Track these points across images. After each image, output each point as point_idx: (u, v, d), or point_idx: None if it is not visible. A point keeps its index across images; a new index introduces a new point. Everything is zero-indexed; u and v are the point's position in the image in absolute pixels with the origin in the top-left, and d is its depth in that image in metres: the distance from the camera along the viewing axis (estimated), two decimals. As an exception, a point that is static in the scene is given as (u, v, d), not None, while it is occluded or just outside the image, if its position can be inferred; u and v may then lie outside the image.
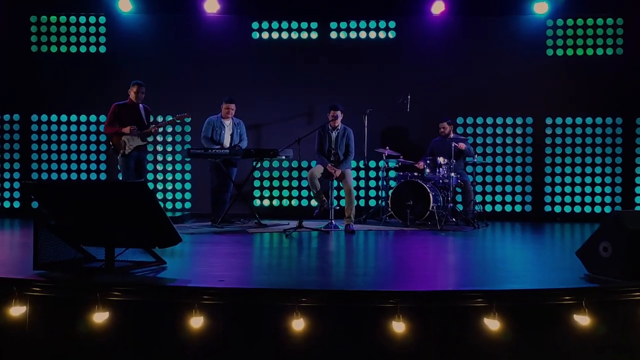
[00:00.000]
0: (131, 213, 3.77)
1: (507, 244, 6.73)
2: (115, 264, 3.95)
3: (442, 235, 6.85)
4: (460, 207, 7.96)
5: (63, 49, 9.05)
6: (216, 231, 7.14)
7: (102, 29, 9.05)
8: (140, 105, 7.20)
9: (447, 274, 4.55)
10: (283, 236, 6.62)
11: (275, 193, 9.14)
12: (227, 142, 7.80)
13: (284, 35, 9.06)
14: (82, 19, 9.06)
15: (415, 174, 7.94)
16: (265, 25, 9.05)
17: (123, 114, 7.06)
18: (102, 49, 9.05)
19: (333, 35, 9.06)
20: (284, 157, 7.62)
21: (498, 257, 5.49)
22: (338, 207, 7.81)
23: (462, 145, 7.93)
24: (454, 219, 7.80)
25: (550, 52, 8.91)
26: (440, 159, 7.78)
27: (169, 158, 9.11)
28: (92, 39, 9.05)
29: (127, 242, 3.96)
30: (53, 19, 9.05)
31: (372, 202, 8.98)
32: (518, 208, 8.99)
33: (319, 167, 7.47)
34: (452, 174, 7.67)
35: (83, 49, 9.06)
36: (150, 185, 9.06)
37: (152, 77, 8.39)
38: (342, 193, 8.01)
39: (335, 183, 7.58)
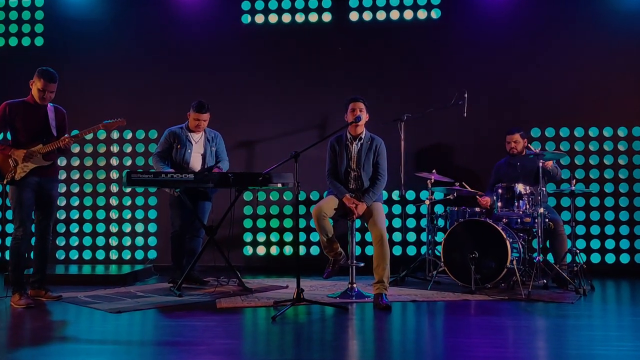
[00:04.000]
0: None
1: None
2: None
3: (529, 312, 4.19)
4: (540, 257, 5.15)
5: (-13, 41, 6.73)
6: (166, 304, 4.50)
7: (40, 14, 6.76)
8: (50, 106, 4.61)
9: None
10: (270, 318, 3.98)
11: (275, 237, 6.51)
12: (196, 165, 5.28)
13: (286, 18, 6.60)
14: (13, 2, 6.76)
15: (477, 209, 5.31)
16: (259, 5, 6.62)
17: (17, 118, 4.47)
18: (39, 41, 6.74)
19: (353, 16, 6.56)
20: (279, 185, 5.01)
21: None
22: (363, 265, 5.01)
23: (549, 164, 5.27)
24: (544, 280, 5.05)
25: (663, 34, 6.28)
26: (520, 187, 5.08)
27: (127, 190, 6.57)
28: (26, 28, 6.75)
29: None
30: (-25, 2, 6.75)
31: (411, 250, 6.30)
32: (625, 258, 6.19)
33: (332, 199, 4.76)
34: (540, 210, 4.93)
35: (13, 41, 6.74)
36: (88, 227, 6.50)
37: (106, 77, 6.63)
38: (368, 237, 5.30)
39: (357, 223, 4.83)
